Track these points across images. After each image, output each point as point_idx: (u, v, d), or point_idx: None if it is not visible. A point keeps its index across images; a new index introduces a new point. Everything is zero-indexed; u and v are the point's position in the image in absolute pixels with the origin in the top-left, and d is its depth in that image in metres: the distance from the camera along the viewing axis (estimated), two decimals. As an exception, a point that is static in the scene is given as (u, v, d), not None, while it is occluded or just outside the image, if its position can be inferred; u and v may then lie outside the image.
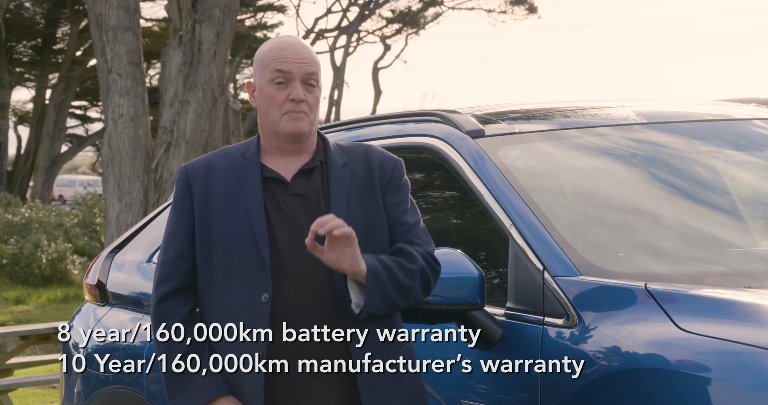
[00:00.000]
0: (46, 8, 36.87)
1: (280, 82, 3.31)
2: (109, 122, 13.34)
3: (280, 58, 3.32)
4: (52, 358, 10.58)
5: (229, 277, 3.29)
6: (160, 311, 3.36)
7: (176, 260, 3.36)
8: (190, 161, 3.45)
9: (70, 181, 56.87)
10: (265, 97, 3.33)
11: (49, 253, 23.80)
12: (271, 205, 3.30)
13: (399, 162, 3.41)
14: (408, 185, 3.41)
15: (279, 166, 3.35)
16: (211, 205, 3.33)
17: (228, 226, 3.30)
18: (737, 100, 4.90)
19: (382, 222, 3.32)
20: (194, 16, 13.51)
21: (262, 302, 3.23)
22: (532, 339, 3.42)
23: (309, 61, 3.33)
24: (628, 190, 3.96)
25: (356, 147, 3.43)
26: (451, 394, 3.60)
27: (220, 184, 3.34)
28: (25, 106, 42.99)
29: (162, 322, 3.34)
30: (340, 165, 3.35)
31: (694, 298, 3.20)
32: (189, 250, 3.35)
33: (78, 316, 5.18)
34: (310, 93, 3.32)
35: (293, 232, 3.28)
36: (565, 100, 4.69)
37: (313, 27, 41.57)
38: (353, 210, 3.30)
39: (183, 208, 3.37)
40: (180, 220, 3.37)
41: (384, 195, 3.35)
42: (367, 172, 3.35)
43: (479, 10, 43.21)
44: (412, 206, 3.39)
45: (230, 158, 3.38)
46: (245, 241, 3.26)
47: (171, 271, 3.36)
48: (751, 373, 2.91)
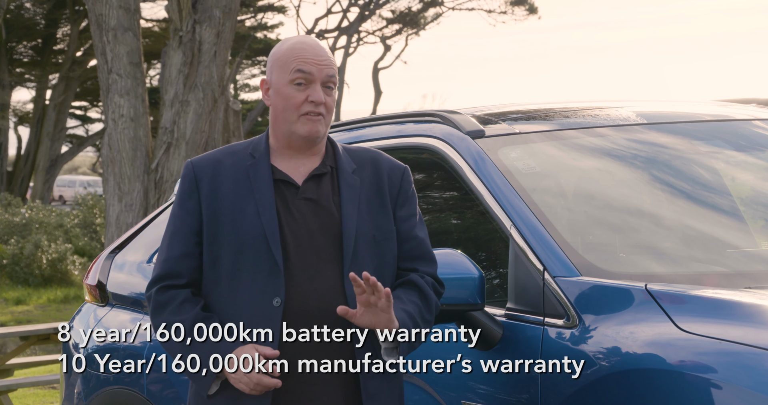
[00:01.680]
0: (46, 9, 36.86)
1: (300, 83, 3.28)
2: (110, 123, 13.34)
3: (302, 59, 3.28)
4: (52, 359, 10.58)
5: (237, 277, 3.26)
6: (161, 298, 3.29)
7: (181, 258, 3.30)
8: (197, 157, 3.39)
9: (71, 182, 56.87)
10: (282, 96, 3.29)
11: (50, 254, 23.80)
12: (282, 207, 3.27)
13: (407, 170, 3.39)
14: (415, 194, 3.40)
15: (289, 168, 3.32)
16: (219, 204, 3.29)
17: (238, 226, 3.26)
18: (737, 100, 4.90)
19: (390, 234, 3.30)
20: (194, 17, 13.51)
21: (274, 306, 3.20)
22: (532, 339, 3.41)
23: (330, 63, 3.31)
24: (629, 190, 3.96)
25: (364, 152, 3.40)
26: (451, 395, 3.60)
27: (229, 183, 3.30)
28: (25, 106, 42.99)
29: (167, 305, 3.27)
30: (350, 171, 3.32)
31: (694, 298, 3.20)
32: (195, 248, 3.30)
33: (78, 317, 5.18)
34: (328, 96, 3.30)
35: (303, 235, 3.25)
36: (566, 101, 4.68)
37: (314, 27, 41.55)
38: (363, 218, 3.28)
39: (189, 206, 3.32)
40: (185, 218, 3.32)
41: (395, 207, 3.33)
42: (375, 181, 3.33)
43: (479, 11, 43.19)
44: (420, 218, 3.38)
45: (238, 157, 3.34)
46: (256, 243, 3.23)
47: (175, 269, 3.30)
48: (752, 373, 2.91)
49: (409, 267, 3.32)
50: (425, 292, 3.27)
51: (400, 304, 3.21)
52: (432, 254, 3.35)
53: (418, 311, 3.22)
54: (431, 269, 3.33)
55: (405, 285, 3.29)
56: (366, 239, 3.25)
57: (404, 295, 3.25)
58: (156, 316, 3.29)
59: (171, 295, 3.28)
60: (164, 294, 3.29)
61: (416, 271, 3.31)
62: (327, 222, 3.25)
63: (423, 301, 3.26)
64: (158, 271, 3.33)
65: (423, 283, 3.27)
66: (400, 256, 3.32)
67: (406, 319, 3.18)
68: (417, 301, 3.25)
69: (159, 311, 3.29)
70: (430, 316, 3.26)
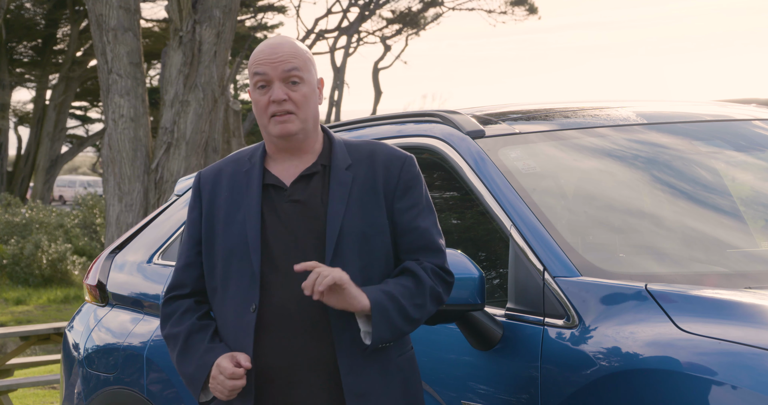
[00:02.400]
0: (46, 9, 36.88)
1: (262, 85, 3.27)
2: (110, 123, 13.34)
3: (257, 61, 3.27)
4: (52, 359, 10.58)
5: (226, 285, 3.27)
6: (166, 310, 3.38)
7: (185, 268, 3.37)
8: (206, 168, 3.43)
9: (71, 182, 56.89)
10: (253, 102, 3.32)
11: (50, 254, 23.80)
12: (269, 212, 3.25)
13: (408, 159, 3.31)
14: (420, 181, 3.31)
15: (282, 170, 3.30)
16: (215, 213, 3.32)
17: (227, 234, 3.28)
18: (737, 100, 4.90)
19: (383, 228, 3.24)
20: (194, 17, 13.50)
21: (250, 312, 3.21)
22: (532, 339, 3.41)
23: (286, 58, 3.25)
24: (629, 190, 3.96)
25: (363, 146, 3.34)
26: (451, 395, 3.60)
27: (226, 191, 3.32)
28: (25, 106, 43.01)
29: (171, 317, 3.36)
30: (343, 168, 3.27)
31: (695, 298, 3.20)
32: (196, 258, 3.35)
33: (78, 317, 5.18)
34: (294, 91, 3.25)
35: (288, 239, 3.23)
36: (566, 101, 4.68)
37: (314, 27, 41.57)
38: (352, 215, 3.23)
39: (193, 216, 3.38)
40: (190, 229, 3.38)
41: (393, 200, 3.27)
42: (370, 176, 3.27)
43: (479, 11, 43.21)
44: (426, 206, 3.30)
45: (238, 164, 3.35)
46: (240, 250, 3.24)
47: (180, 279, 3.37)
48: (752, 373, 2.91)
49: (411, 259, 3.26)
50: (418, 275, 3.18)
51: (382, 286, 3.16)
52: (437, 244, 3.26)
53: (402, 291, 3.15)
54: (437, 259, 3.25)
55: (400, 272, 3.24)
56: (353, 236, 3.21)
57: (392, 279, 3.20)
58: (163, 328, 3.38)
59: (175, 306, 3.36)
60: (170, 306, 3.37)
61: (419, 261, 3.25)
62: (312, 223, 3.23)
63: (414, 283, 3.18)
64: (169, 283, 3.41)
65: (418, 268, 3.20)
66: (402, 249, 3.26)
67: (382, 298, 3.12)
68: (405, 283, 3.18)
69: (164, 323, 3.38)
70: (422, 299, 3.18)
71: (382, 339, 3.15)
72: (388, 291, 3.15)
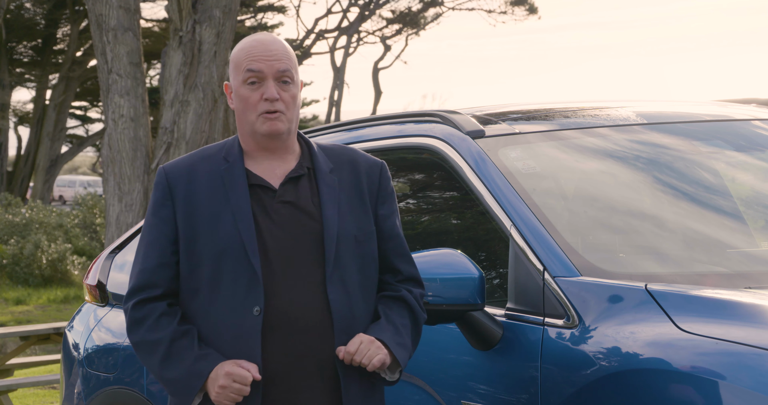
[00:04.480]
0: (46, 9, 36.88)
1: (253, 81, 3.22)
2: (110, 123, 13.34)
3: (251, 57, 3.22)
4: (52, 359, 10.58)
5: (216, 287, 3.19)
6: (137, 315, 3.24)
7: (157, 268, 3.24)
8: (169, 163, 3.31)
9: (71, 182, 56.88)
10: (240, 98, 3.24)
11: (50, 254, 23.81)
12: (260, 213, 3.21)
13: (384, 166, 3.35)
14: (394, 191, 3.37)
15: (265, 171, 3.26)
16: (195, 212, 3.22)
17: (215, 234, 3.19)
18: (737, 100, 4.90)
19: (371, 233, 3.26)
20: (194, 17, 13.51)
21: (254, 315, 3.15)
22: (532, 339, 3.41)
23: (281, 57, 3.23)
24: (629, 190, 3.96)
25: (340, 151, 3.34)
26: (451, 395, 3.60)
27: (204, 190, 3.23)
28: (25, 106, 43.02)
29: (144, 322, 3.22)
30: (327, 171, 3.27)
31: (695, 298, 3.20)
32: (171, 257, 3.24)
33: (78, 317, 5.18)
34: (285, 91, 3.23)
35: (284, 240, 3.20)
36: (566, 101, 4.68)
37: (314, 27, 41.57)
38: (344, 219, 3.23)
39: (163, 214, 3.25)
40: (161, 227, 3.25)
41: (375, 205, 3.30)
42: (354, 181, 3.28)
43: (479, 11, 43.21)
44: (398, 213, 3.37)
45: (212, 162, 3.27)
46: (234, 251, 3.17)
47: (151, 280, 3.23)
48: (753, 373, 2.91)
49: (391, 266, 3.29)
50: (416, 313, 3.28)
51: (396, 337, 3.21)
52: (410, 252, 3.36)
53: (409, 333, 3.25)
54: (413, 269, 3.33)
55: (396, 302, 3.28)
56: (348, 241, 3.21)
57: (397, 317, 3.25)
58: (133, 333, 3.24)
59: (147, 310, 3.22)
60: (141, 309, 3.23)
61: (398, 271, 3.30)
62: (308, 225, 3.21)
63: (413, 322, 3.27)
64: (134, 283, 3.26)
65: (414, 303, 3.28)
66: (383, 255, 3.29)
67: (402, 353, 3.21)
68: (408, 323, 3.26)
69: (136, 328, 3.24)
70: (418, 336, 3.30)
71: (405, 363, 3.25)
72: (403, 344, 3.22)
